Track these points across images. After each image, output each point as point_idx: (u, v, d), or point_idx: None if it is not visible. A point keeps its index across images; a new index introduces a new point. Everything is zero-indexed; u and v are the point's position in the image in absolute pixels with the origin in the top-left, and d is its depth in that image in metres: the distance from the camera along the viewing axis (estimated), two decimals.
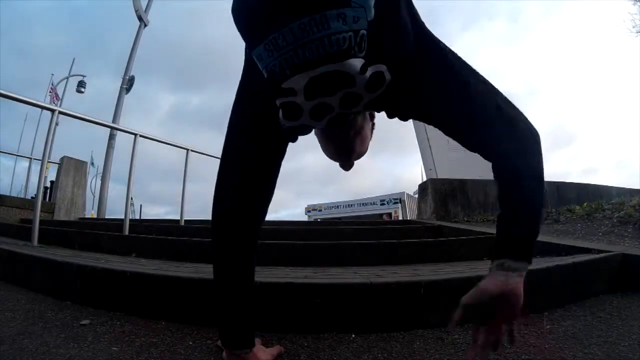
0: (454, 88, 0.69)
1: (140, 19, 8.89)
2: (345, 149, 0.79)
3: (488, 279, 0.68)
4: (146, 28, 8.99)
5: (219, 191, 0.80)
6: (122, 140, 7.65)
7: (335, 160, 0.83)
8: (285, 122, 0.65)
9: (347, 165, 0.84)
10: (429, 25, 0.70)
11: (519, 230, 0.69)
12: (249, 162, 0.77)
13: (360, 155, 0.83)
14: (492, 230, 2.75)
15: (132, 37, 8.89)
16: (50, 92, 14.50)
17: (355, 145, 0.79)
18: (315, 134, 0.80)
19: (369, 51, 0.59)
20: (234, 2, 0.66)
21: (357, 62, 0.58)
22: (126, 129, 3.70)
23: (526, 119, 0.73)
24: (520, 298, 0.65)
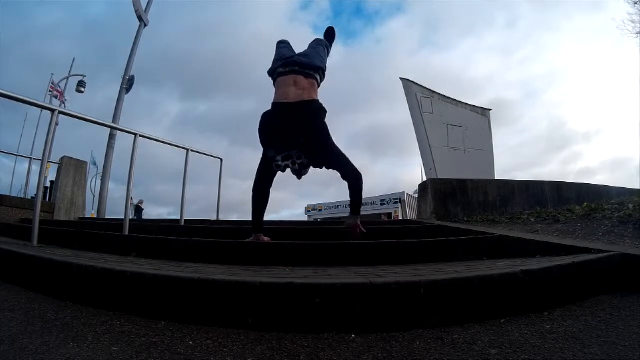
0: (336, 154, 2.29)
1: (140, 18, 8.90)
2: (297, 174, 2.37)
3: (349, 220, 2.39)
4: (164, 45, 9.03)
5: (257, 181, 2.29)
6: (125, 142, 7.65)
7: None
8: (281, 166, 2.23)
9: (298, 178, 2.39)
10: (431, 28, 0.75)
11: (356, 206, 2.34)
12: (265, 175, 2.31)
13: (304, 174, 2.39)
14: (492, 230, 2.76)
15: (140, 45, 8.93)
16: (50, 90, 14.47)
17: (302, 173, 2.36)
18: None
19: (303, 153, 2.26)
20: (261, 128, 2.27)
21: (296, 159, 2.25)
22: (126, 129, 3.68)
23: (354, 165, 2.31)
24: (357, 227, 2.33)
